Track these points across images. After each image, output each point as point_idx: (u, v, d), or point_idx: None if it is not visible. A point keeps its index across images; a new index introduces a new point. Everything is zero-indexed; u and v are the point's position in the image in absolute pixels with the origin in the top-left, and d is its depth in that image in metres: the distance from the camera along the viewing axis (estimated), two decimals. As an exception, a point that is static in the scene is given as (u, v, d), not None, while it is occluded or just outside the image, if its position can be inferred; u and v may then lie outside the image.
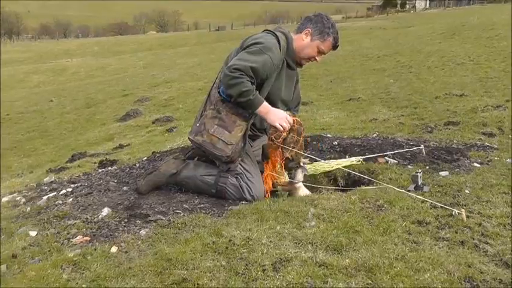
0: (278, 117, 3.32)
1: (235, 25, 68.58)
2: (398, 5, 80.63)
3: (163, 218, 2.94)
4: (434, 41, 15.20)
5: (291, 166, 3.53)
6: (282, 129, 3.31)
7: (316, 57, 3.60)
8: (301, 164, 3.53)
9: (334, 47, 3.59)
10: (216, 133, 3.30)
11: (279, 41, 3.40)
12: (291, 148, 3.38)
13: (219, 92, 3.41)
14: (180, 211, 3.09)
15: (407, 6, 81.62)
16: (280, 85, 3.52)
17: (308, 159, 3.73)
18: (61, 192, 3.67)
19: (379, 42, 18.68)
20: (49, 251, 2.56)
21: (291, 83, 3.65)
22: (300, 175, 3.52)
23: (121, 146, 7.11)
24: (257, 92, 3.28)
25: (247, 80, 3.19)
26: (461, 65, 10.10)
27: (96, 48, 48.37)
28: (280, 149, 3.42)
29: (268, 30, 3.54)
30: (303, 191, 3.52)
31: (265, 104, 3.30)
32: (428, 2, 79.94)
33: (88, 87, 18.39)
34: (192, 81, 14.63)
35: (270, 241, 2.53)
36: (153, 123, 9.12)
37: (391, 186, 3.27)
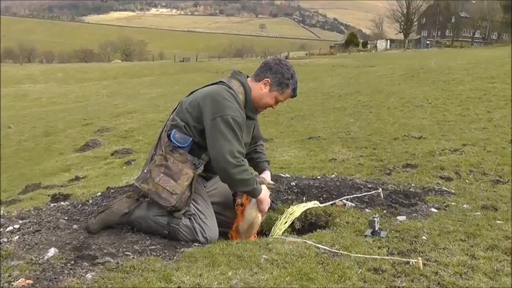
0: (267, 204, 3.50)
1: (200, 57, 68.86)
2: (360, 45, 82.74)
3: (112, 261, 2.82)
4: (394, 82, 15.51)
5: None
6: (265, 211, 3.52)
7: (273, 106, 3.55)
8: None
9: (292, 96, 3.55)
10: (161, 182, 3.23)
11: (236, 97, 3.32)
12: None
13: (168, 136, 3.34)
14: (129, 253, 2.97)
15: (369, 46, 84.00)
16: None
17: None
18: (7, 229, 3.49)
19: (341, 81, 18.99)
20: (-14, 296, 2.41)
21: (249, 131, 3.56)
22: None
23: (77, 178, 6.95)
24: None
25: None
26: (420, 107, 10.30)
27: (60, 75, 47.55)
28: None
29: (223, 83, 3.41)
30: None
31: (264, 191, 3.43)
32: (389, 42, 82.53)
33: (49, 115, 18.05)
34: (154, 112, 14.53)
35: (221, 288, 2.45)
36: (112, 155, 8.97)
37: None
